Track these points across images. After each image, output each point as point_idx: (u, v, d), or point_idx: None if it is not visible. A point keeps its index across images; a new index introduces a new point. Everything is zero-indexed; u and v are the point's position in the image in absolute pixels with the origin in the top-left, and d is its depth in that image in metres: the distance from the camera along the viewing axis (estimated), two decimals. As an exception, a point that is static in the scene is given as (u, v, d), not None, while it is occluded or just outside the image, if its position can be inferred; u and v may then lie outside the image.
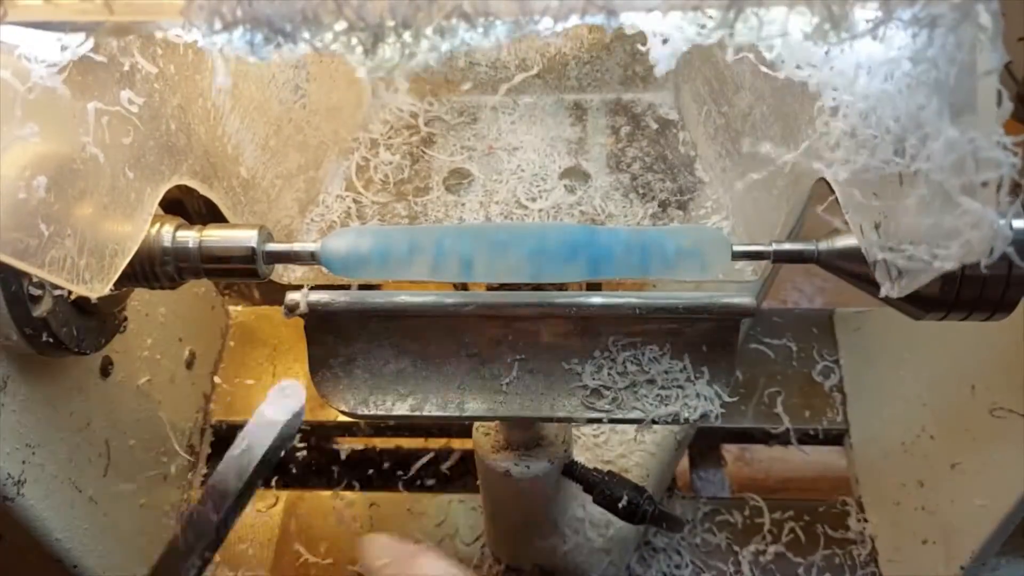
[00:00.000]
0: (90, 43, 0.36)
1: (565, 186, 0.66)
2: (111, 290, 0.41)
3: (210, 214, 0.53)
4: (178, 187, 0.48)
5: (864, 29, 0.32)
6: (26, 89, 0.34)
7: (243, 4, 0.31)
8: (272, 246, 0.46)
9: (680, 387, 0.51)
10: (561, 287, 0.52)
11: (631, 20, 0.33)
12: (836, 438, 0.81)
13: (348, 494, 0.73)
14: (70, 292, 0.42)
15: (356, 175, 0.69)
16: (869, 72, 0.36)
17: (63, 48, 0.35)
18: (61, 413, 0.51)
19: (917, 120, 0.34)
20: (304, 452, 0.87)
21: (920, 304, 0.42)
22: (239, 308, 0.84)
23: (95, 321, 0.49)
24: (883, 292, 0.39)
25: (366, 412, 0.50)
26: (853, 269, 0.43)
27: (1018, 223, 0.40)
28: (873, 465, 0.78)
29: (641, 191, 0.66)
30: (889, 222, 0.38)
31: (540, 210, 0.64)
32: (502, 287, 0.51)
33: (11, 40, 0.34)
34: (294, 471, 0.86)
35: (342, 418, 0.65)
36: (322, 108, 0.68)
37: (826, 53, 0.37)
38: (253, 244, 0.46)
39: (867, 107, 0.37)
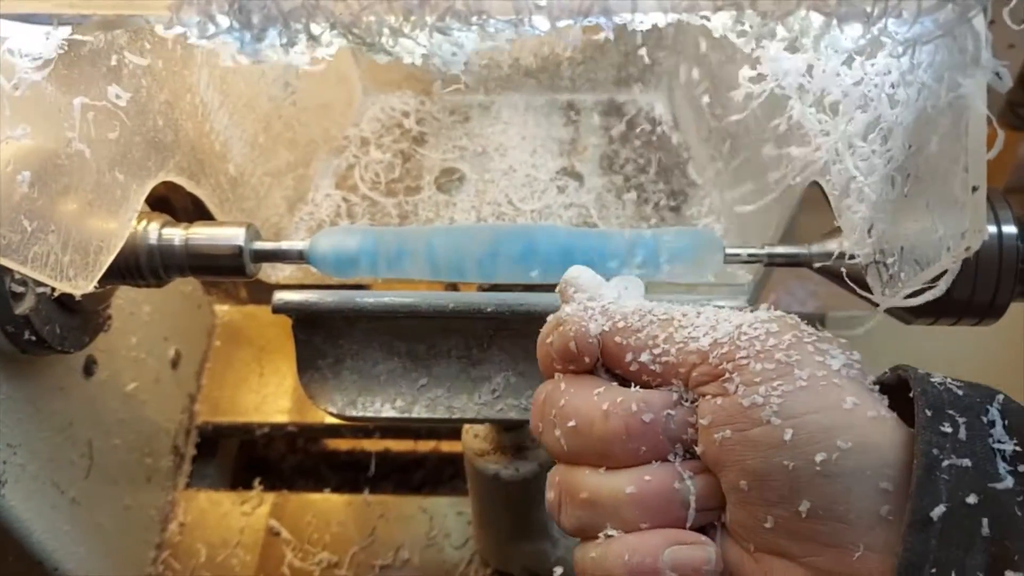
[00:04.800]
0: (77, 37, 0.36)
1: (557, 187, 0.66)
2: (95, 287, 0.40)
3: (197, 211, 0.52)
4: (165, 184, 0.47)
5: (851, 47, 0.32)
6: (12, 86, 0.34)
7: (233, 10, 0.31)
8: (260, 244, 0.46)
9: (671, 390, 0.50)
10: (552, 288, 0.52)
11: (626, 20, 0.33)
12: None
13: (335, 496, 0.72)
14: (53, 289, 0.42)
15: (346, 173, 0.69)
16: (860, 82, 0.36)
17: (49, 42, 0.35)
18: (43, 413, 0.50)
19: (908, 129, 0.35)
20: (291, 454, 0.87)
21: (910, 308, 0.42)
22: (225, 307, 0.84)
23: (79, 319, 0.48)
24: (874, 297, 0.39)
25: (355, 414, 0.49)
26: (845, 273, 0.43)
27: (1007, 228, 0.40)
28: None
29: (634, 193, 0.66)
30: (881, 226, 0.38)
31: (532, 211, 0.64)
32: (493, 288, 0.50)
33: (-4, 32, 0.34)
34: (280, 472, 0.85)
35: (329, 419, 0.64)
36: (312, 105, 0.67)
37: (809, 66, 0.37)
38: (240, 242, 0.45)
39: (859, 116, 0.37)
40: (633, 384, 0.34)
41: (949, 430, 0.28)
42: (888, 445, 0.28)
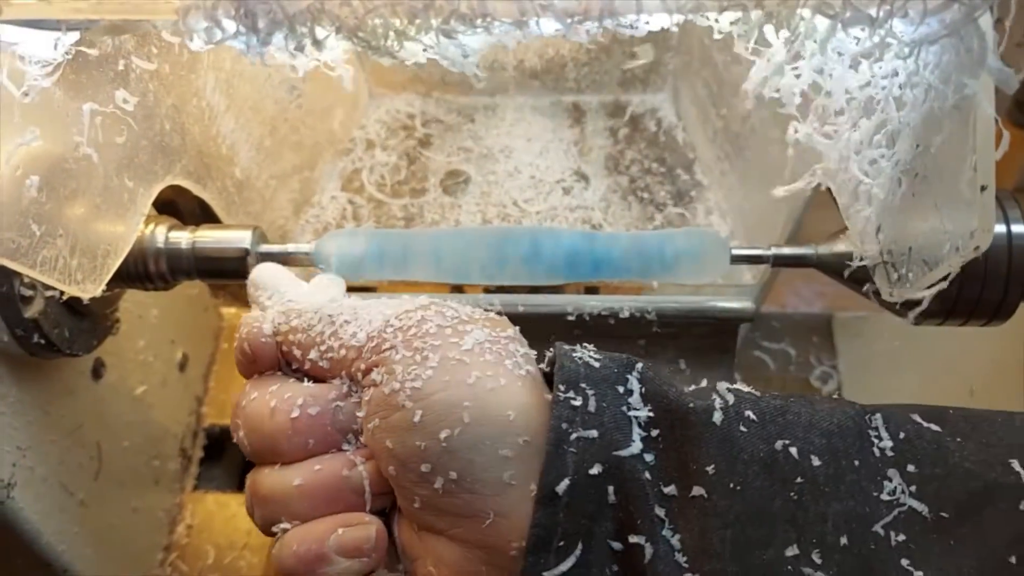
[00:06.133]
0: (85, 42, 0.36)
1: (563, 188, 0.66)
2: (103, 291, 0.40)
3: (204, 214, 0.53)
4: (171, 187, 0.47)
5: (857, 50, 0.32)
6: (22, 92, 0.34)
7: (239, 15, 0.31)
8: (266, 247, 0.46)
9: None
10: (558, 290, 0.52)
11: (631, 22, 0.33)
12: (833, 443, 0.81)
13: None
14: (62, 293, 0.42)
15: (352, 176, 0.69)
16: (867, 85, 0.36)
17: (57, 47, 0.35)
18: (52, 416, 0.51)
19: (915, 130, 0.34)
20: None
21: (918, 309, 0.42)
22: (232, 310, 0.84)
23: (87, 322, 0.48)
24: (882, 296, 0.39)
25: (361, 416, 0.49)
26: (852, 274, 0.42)
27: (1016, 227, 0.40)
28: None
29: (640, 194, 0.66)
30: (889, 227, 0.38)
31: (537, 212, 0.64)
32: (499, 290, 0.50)
33: (6, 38, 0.34)
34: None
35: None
36: (318, 108, 0.67)
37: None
38: (247, 245, 0.45)
39: (867, 116, 0.37)
40: (307, 380, 0.34)
41: (579, 403, 0.29)
42: (506, 413, 0.29)
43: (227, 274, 0.46)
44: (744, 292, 0.56)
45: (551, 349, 0.32)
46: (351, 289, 0.53)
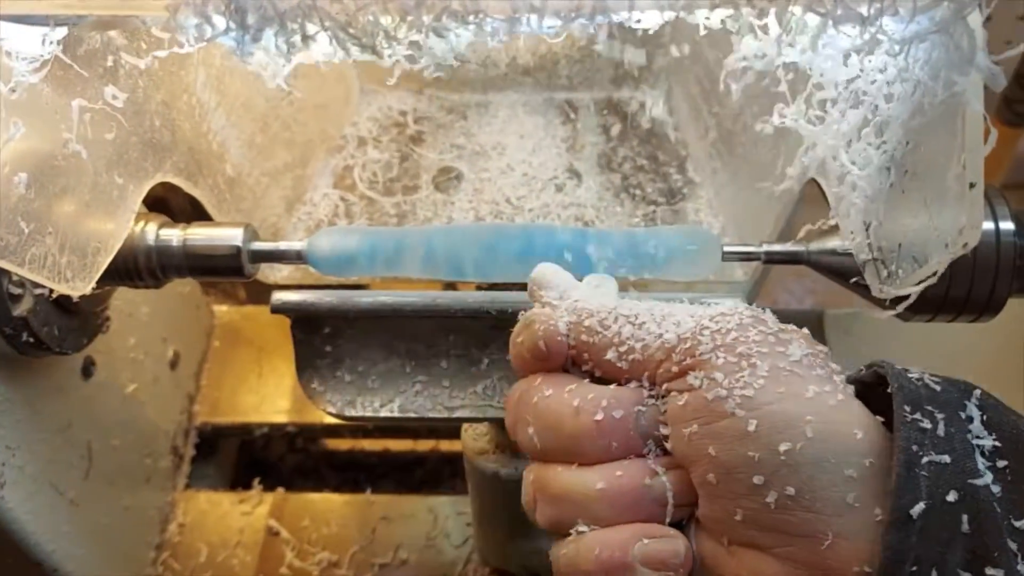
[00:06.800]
0: (73, 38, 0.36)
1: (555, 186, 0.66)
2: (93, 289, 0.40)
3: (195, 212, 0.52)
4: (162, 185, 0.47)
5: (848, 47, 0.32)
6: (8, 89, 0.34)
7: (229, 11, 0.31)
8: (258, 245, 0.46)
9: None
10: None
11: (623, 19, 0.33)
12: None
13: (334, 496, 0.72)
14: (51, 291, 0.41)
15: (344, 173, 0.69)
16: (856, 80, 0.36)
17: (45, 43, 0.35)
18: (42, 414, 0.50)
19: (905, 126, 0.35)
20: (290, 454, 0.87)
21: (908, 305, 0.42)
22: (224, 308, 0.83)
23: (77, 320, 0.48)
24: (872, 293, 0.40)
25: (353, 414, 0.49)
26: (843, 270, 0.43)
27: (1004, 224, 0.40)
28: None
29: (632, 191, 0.66)
30: (879, 223, 0.38)
31: (530, 209, 0.64)
32: (491, 287, 0.50)
33: (-7, 33, 0.34)
34: (279, 472, 0.85)
35: (328, 419, 0.64)
36: (310, 105, 0.67)
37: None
38: (238, 243, 0.45)
39: (855, 113, 0.37)
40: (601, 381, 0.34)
41: (928, 426, 0.28)
42: (852, 432, 0.29)
43: (218, 271, 0.46)
44: (735, 289, 0.56)
45: (870, 367, 0.32)
46: (342, 287, 0.53)
